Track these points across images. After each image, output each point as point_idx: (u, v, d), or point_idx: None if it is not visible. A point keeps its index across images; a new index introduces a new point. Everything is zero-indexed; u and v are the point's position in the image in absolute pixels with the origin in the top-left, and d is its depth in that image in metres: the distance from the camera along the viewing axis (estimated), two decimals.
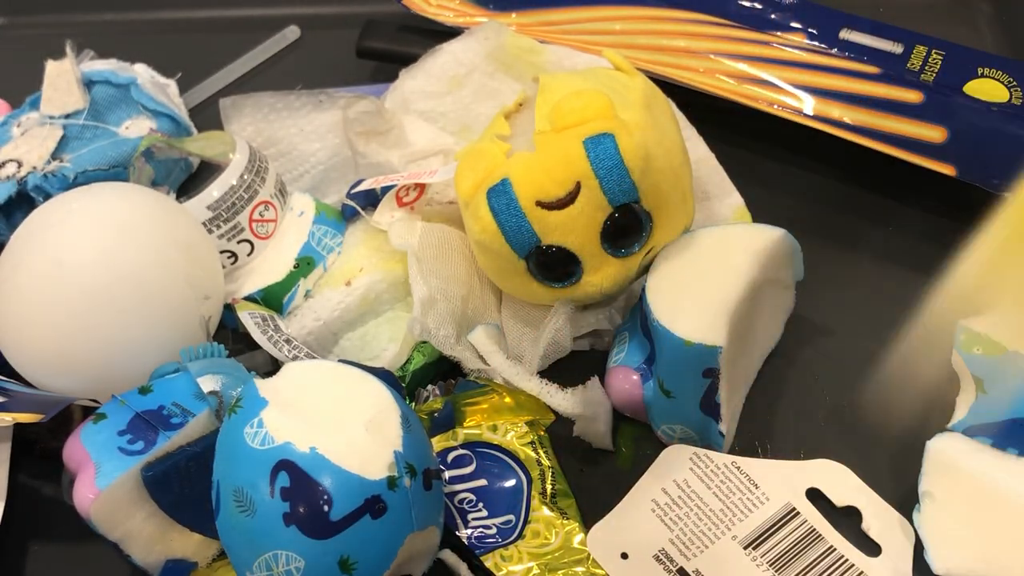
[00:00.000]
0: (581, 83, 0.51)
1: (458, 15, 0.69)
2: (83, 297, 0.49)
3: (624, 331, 0.53)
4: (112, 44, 0.70)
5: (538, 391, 0.52)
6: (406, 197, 0.57)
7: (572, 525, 0.49)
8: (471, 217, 0.51)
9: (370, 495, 0.40)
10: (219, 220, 0.56)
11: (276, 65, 0.73)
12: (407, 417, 0.43)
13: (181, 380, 0.48)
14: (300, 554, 0.40)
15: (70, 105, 0.63)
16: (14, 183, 0.59)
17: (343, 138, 0.62)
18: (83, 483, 0.45)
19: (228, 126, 0.64)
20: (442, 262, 0.55)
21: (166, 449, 0.46)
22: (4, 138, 0.63)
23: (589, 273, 0.51)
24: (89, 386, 0.51)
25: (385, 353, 0.55)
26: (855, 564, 0.47)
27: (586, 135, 0.48)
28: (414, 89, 0.63)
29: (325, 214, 0.59)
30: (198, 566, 0.48)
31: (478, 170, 0.50)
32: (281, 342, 0.54)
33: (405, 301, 0.57)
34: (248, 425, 0.42)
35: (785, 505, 0.49)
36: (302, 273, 0.57)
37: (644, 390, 0.51)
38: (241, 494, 0.41)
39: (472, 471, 0.50)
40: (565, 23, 0.67)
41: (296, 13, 0.75)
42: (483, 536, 0.49)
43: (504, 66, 0.63)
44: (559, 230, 0.49)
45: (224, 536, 0.42)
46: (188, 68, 0.70)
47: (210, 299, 0.53)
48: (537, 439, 0.51)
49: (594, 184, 0.48)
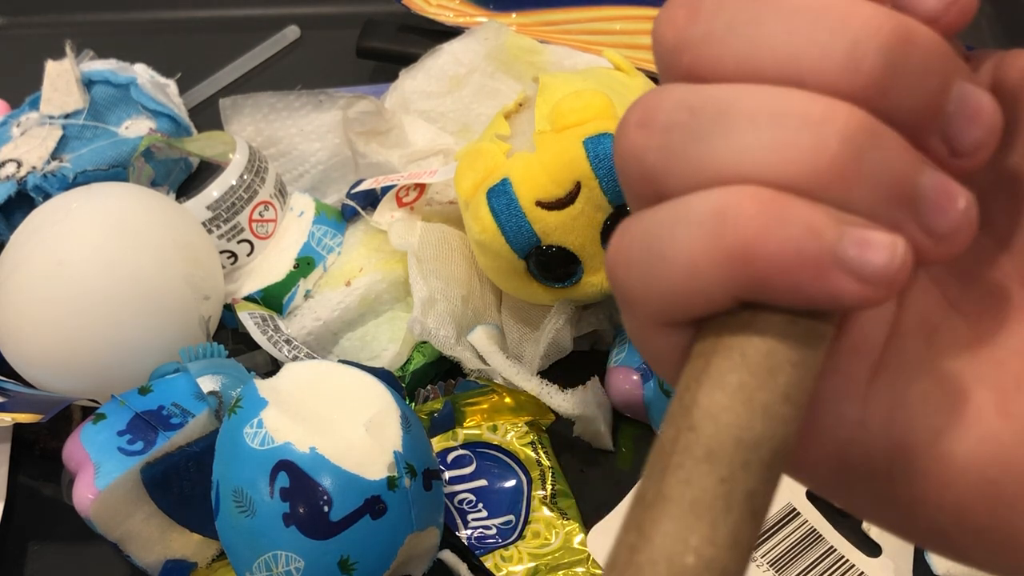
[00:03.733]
0: (581, 83, 0.51)
1: (458, 15, 0.69)
2: (83, 297, 0.49)
3: (624, 331, 0.53)
4: (112, 44, 0.70)
5: (538, 391, 0.52)
6: (406, 197, 0.57)
7: (572, 525, 0.49)
8: (471, 217, 0.51)
9: (370, 495, 0.40)
10: (219, 220, 0.56)
11: (276, 65, 0.73)
12: (407, 417, 0.43)
13: (181, 380, 0.48)
14: (300, 554, 0.40)
15: (70, 105, 0.63)
16: (14, 183, 0.59)
17: (343, 138, 0.62)
18: (83, 483, 0.45)
19: (228, 126, 0.64)
20: (442, 262, 0.55)
21: (166, 449, 0.45)
22: (4, 138, 0.63)
23: (589, 273, 0.51)
24: (89, 386, 0.51)
25: (385, 353, 0.55)
26: (855, 564, 0.47)
27: (586, 135, 0.48)
28: (414, 89, 0.63)
29: (325, 214, 0.58)
30: (198, 566, 0.47)
31: (478, 170, 0.50)
32: (281, 342, 0.54)
33: (405, 301, 0.57)
34: (248, 425, 0.42)
35: (785, 505, 0.49)
36: (302, 273, 0.57)
37: (644, 390, 0.51)
38: (241, 494, 0.41)
39: (472, 471, 0.50)
40: (565, 23, 0.67)
41: (296, 13, 0.75)
42: (483, 536, 0.49)
43: (504, 66, 0.63)
44: (559, 230, 0.49)
45: (224, 536, 0.42)
46: (188, 68, 0.70)
47: (210, 299, 0.53)
48: (537, 439, 0.51)
49: (594, 184, 0.48)
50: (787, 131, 0.19)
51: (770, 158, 0.19)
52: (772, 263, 0.19)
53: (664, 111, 0.20)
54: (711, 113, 0.20)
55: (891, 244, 0.19)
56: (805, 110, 0.19)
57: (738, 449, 0.19)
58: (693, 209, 0.20)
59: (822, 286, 0.19)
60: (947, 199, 0.19)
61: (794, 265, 0.19)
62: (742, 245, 0.19)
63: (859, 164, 0.19)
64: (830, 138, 0.19)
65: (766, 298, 0.19)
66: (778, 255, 0.19)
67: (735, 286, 0.19)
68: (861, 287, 0.19)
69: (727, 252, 0.19)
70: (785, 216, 0.19)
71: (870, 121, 0.19)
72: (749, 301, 0.20)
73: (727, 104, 0.20)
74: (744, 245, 0.19)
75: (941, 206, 0.19)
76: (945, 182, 0.20)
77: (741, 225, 0.19)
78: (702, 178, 0.20)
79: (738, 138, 0.19)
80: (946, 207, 0.19)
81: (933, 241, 0.20)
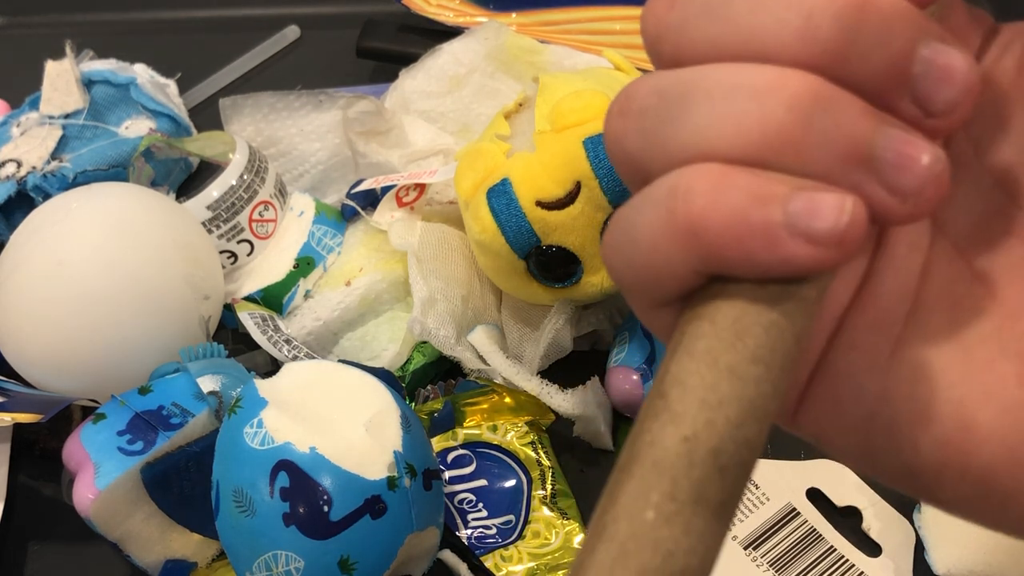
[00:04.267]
0: (581, 83, 0.51)
1: (458, 15, 0.69)
2: (83, 297, 0.49)
3: (624, 331, 0.53)
4: (112, 44, 0.70)
5: (538, 391, 0.52)
6: (406, 197, 0.57)
7: (572, 525, 0.49)
8: (471, 217, 0.51)
9: (370, 495, 0.40)
10: (219, 220, 0.56)
11: (276, 65, 0.73)
12: (407, 417, 0.43)
13: (181, 380, 0.48)
14: (300, 554, 0.40)
15: (70, 105, 0.63)
16: (14, 183, 0.59)
17: (343, 138, 0.62)
18: (83, 483, 0.45)
19: (228, 126, 0.63)
20: (442, 262, 0.55)
21: (166, 449, 0.45)
22: (4, 138, 0.63)
23: (589, 273, 0.51)
24: (89, 386, 0.51)
25: (385, 353, 0.55)
26: (855, 564, 0.47)
27: (586, 135, 0.48)
28: (414, 89, 0.63)
29: (325, 214, 0.58)
30: (198, 566, 0.47)
31: (478, 170, 0.50)
32: (281, 342, 0.54)
33: (405, 301, 0.57)
34: (248, 425, 0.42)
35: (785, 505, 0.49)
36: (302, 273, 0.57)
37: (644, 390, 0.51)
38: (241, 494, 0.41)
39: (472, 471, 0.50)
40: (565, 23, 0.67)
41: (296, 13, 0.75)
42: (483, 536, 0.49)
43: (504, 66, 0.63)
44: (559, 230, 0.49)
45: (224, 536, 0.42)
46: (188, 68, 0.70)
47: (210, 299, 0.53)
48: (537, 439, 0.51)
49: (594, 184, 0.48)
50: (737, 104, 0.20)
51: (723, 132, 0.20)
52: (721, 235, 0.19)
53: (639, 98, 0.21)
54: (676, 95, 0.20)
55: (838, 203, 0.19)
56: (754, 81, 0.20)
57: (702, 409, 0.19)
58: (653, 191, 0.20)
59: (774, 252, 0.19)
60: (907, 158, 0.20)
61: (743, 234, 0.19)
62: (691, 220, 0.19)
63: (808, 129, 0.19)
64: (777, 107, 0.19)
65: (725, 270, 0.20)
66: (726, 226, 0.19)
67: (694, 261, 0.20)
68: (813, 249, 0.19)
69: (679, 228, 0.20)
70: (730, 187, 0.19)
71: (822, 86, 0.19)
72: (713, 275, 0.20)
73: (690, 85, 0.20)
74: (693, 220, 0.19)
75: (901, 164, 0.20)
76: (905, 140, 0.20)
77: (689, 201, 0.19)
78: (670, 159, 0.20)
79: (696, 117, 0.20)
80: (907, 165, 0.20)
81: (899, 200, 0.20)
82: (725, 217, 0.19)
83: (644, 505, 0.19)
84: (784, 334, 0.20)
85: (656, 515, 0.18)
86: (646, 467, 0.19)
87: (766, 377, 0.20)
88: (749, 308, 0.20)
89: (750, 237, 0.19)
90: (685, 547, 0.18)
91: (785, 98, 0.19)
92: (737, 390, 0.19)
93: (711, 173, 0.19)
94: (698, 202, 0.19)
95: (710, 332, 0.20)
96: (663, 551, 0.18)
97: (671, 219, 0.20)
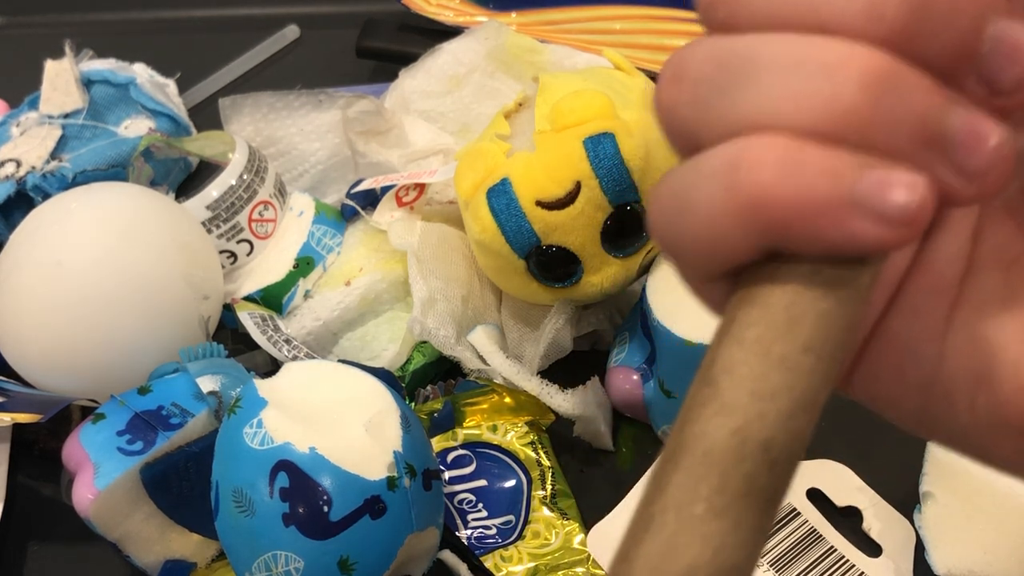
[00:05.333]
0: (581, 83, 0.50)
1: (458, 14, 0.69)
2: (82, 297, 0.49)
3: (624, 331, 0.53)
4: (111, 44, 0.70)
5: (538, 391, 0.52)
6: (406, 197, 0.57)
7: (572, 525, 0.49)
8: (471, 217, 0.51)
9: (370, 495, 0.40)
10: (218, 220, 0.56)
11: (276, 65, 0.73)
12: (407, 417, 0.43)
13: (180, 380, 0.48)
14: (299, 554, 0.40)
15: (69, 105, 0.63)
16: (13, 183, 0.59)
17: (343, 138, 0.62)
18: (82, 483, 0.45)
19: (227, 126, 0.63)
20: (442, 262, 0.55)
21: (165, 449, 0.45)
22: (3, 138, 0.63)
23: (589, 273, 0.51)
24: (88, 386, 0.51)
25: (385, 353, 0.55)
26: (855, 564, 0.47)
27: (586, 135, 0.48)
28: (414, 89, 0.63)
29: (325, 214, 0.58)
30: (197, 566, 0.47)
31: (478, 170, 0.50)
32: (281, 342, 0.54)
33: (405, 301, 0.57)
34: (247, 425, 0.41)
35: (786, 505, 0.49)
36: (302, 273, 0.57)
37: (644, 390, 0.51)
38: (240, 494, 0.41)
39: (472, 471, 0.50)
40: (565, 23, 0.67)
41: (296, 12, 0.75)
42: (483, 536, 0.49)
43: (504, 66, 0.63)
44: (559, 230, 0.49)
45: (223, 536, 0.42)
46: (188, 68, 0.70)
47: (209, 299, 0.53)
48: (537, 439, 0.51)
49: (594, 184, 0.48)
50: (805, 78, 0.19)
51: (788, 106, 0.19)
52: (787, 209, 0.19)
53: (694, 65, 0.21)
54: (735, 65, 0.20)
55: (911, 182, 0.19)
56: (823, 56, 0.19)
57: (752, 400, 0.19)
58: (711, 161, 0.20)
59: (841, 229, 0.19)
60: (976, 138, 0.19)
61: (810, 210, 0.19)
62: (756, 193, 0.19)
63: (878, 107, 0.19)
64: (847, 83, 0.19)
65: (787, 246, 0.19)
66: (793, 201, 0.19)
67: (754, 235, 0.19)
68: (881, 228, 0.19)
69: (742, 202, 0.19)
70: (799, 162, 0.19)
71: (891, 64, 0.19)
72: (773, 251, 0.20)
73: (750, 55, 0.20)
74: (758, 193, 0.19)
75: (970, 145, 0.19)
76: (975, 120, 0.19)
77: (755, 173, 0.19)
78: (727, 130, 0.20)
79: (758, 88, 0.20)
80: (976, 145, 0.19)
81: (965, 180, 0.19)
82: (793, 192, 0.19)
83: (693, 498, 0.18)
84: (837, 322, 0.19)
85: (706, 509, 0.18)
86: (695, 458, 0.19)
87: (818, 367, 0.19)
88: (803, 294, 0.19)
89: (818, 213, 0.19)
90: (734, 542, 0.18)
91: (856, 75, 0.19)
92: (788, 381, 0.19)
93: (778, 146, 0.19)
94: (765, 175, 0.19)
95: (761, 319, 0.19)
96: (713, 546, 0.18)
97: (733, 191, 0.19)
